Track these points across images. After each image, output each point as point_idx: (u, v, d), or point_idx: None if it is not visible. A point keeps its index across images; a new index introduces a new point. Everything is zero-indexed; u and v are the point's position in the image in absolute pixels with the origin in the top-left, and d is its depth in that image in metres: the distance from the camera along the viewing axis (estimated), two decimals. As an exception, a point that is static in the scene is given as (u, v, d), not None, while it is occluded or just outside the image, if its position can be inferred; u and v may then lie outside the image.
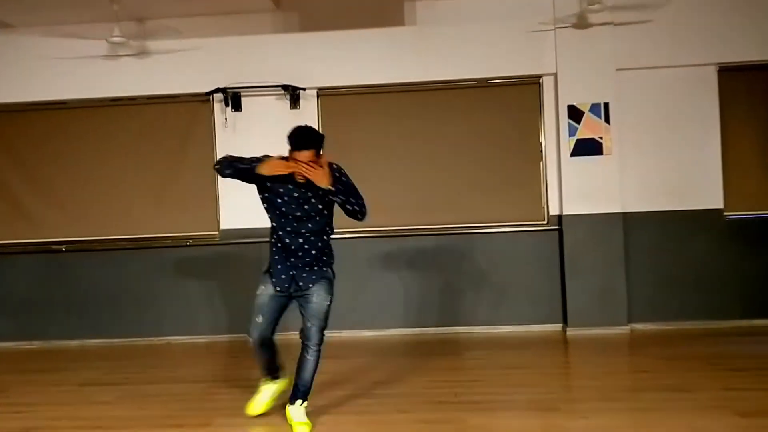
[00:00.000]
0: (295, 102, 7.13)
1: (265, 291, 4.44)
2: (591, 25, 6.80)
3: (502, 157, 7.12)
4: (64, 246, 7.38)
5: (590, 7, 6.38)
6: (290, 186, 4.26)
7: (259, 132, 7.18)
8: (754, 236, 6.95)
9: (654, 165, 6.97)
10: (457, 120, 7.12)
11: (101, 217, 7.40)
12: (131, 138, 7.38)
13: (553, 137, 7.06)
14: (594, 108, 6.83)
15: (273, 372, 4.68)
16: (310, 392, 4.45)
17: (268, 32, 7.18)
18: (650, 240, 6.98)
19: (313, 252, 4.35)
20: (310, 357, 4.37)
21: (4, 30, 7.24)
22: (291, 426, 4.36)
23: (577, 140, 6.86)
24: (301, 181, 4.19)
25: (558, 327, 7.06)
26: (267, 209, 4.40)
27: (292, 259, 4.35)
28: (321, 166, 4.15)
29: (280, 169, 4.15)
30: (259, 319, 4.44)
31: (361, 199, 4.32)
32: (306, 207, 4.28)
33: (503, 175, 7.11)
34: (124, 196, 7.38)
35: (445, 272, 7.09)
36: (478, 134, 7.12)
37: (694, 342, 6.34)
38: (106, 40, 6.77)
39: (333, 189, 4.16)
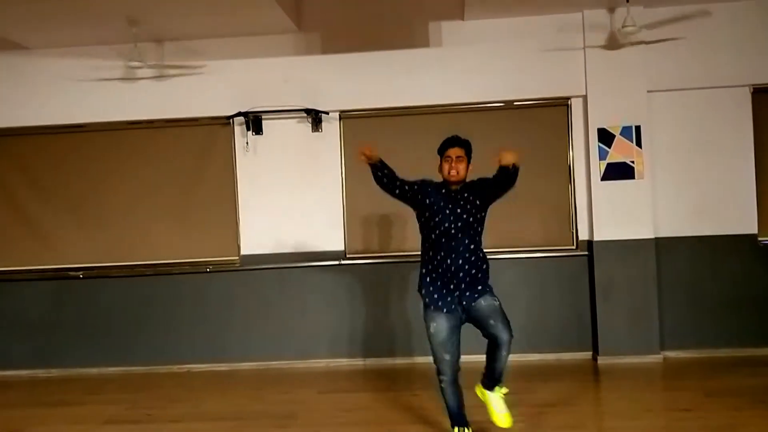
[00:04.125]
0: (317, 125, 7.03)
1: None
2: (622, 46, 6.66)
3: (529, 181, 6.72)
4: (81, 273, 7.26)
5: (624, 28, 6.21)
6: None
7: (281, 155, 7.14)
8: (789, 261, 6.78)
9: (687, 189, 6.83)
10: (482, 143, 6.70)
11: (119, 243, 7.30)
12: (150, 162, 7.28)
13: (582, 160, 6.92)
14: (625, 131, 6.69)
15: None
16: None
17: (290, 54, 7.05)
18: (683, 265, 6.84)
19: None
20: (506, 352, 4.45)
21: (20, 52, 7.15)
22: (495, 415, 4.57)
23: (608, 164, 6.72)
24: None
25: (588, 355, 6.91)
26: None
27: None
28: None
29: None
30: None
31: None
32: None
33: (530, 199, 6.90)
34: (142, 221, 7.27)
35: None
36: (505, 157, 6.97)
37: (731, 372, 6.16)
38: (127, 65, 6.70)
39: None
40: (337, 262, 7.06)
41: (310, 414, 5.55)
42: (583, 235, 6.93)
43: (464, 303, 4.37)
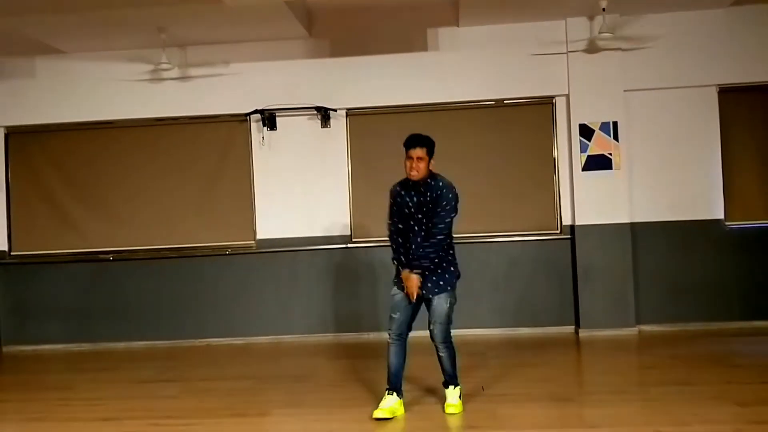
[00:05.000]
0: (325, 121, 7.67)
1: None
2: (600, 50, 7.32)
3: (518, 171, 7.64)
4: (111, 255, 7.90)
5: (601, 34, 6.90)
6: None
7: (293, 149, 7.78)
8: (752, 244, 7.47)
9: (660, 179, 7.48)
10: (476, 137, 7.63)
11: (145, 229, 7.93)
12: (174, 155, 7.93)
13: (566, 153, 7.58)
14: (604, 126, 7.35)
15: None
16: (458, 378, 4.98)
17: (302, 58, 7.71)
18: (656, 248, 7.49)
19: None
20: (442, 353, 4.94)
21: (57, 56, 7.82)
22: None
23: (588, 156, 7.37)
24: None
25: (571, 329, 7.56)
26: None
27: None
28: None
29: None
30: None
31: (443, 230, 4.89)
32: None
33: (519, 188, 7.61)
34: (166, 209, 7.91)
35: (466, 279, 7.54)
36: (496, 151, 7.64)
37: (697, 342, 6.86)
38: (156, 66, 7.34)
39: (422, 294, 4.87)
40: (344, 246, 7.70)
41: (322, 375, 6.27)
42: (566, 221, 7.58)
43: (423, 292, 4.93)
